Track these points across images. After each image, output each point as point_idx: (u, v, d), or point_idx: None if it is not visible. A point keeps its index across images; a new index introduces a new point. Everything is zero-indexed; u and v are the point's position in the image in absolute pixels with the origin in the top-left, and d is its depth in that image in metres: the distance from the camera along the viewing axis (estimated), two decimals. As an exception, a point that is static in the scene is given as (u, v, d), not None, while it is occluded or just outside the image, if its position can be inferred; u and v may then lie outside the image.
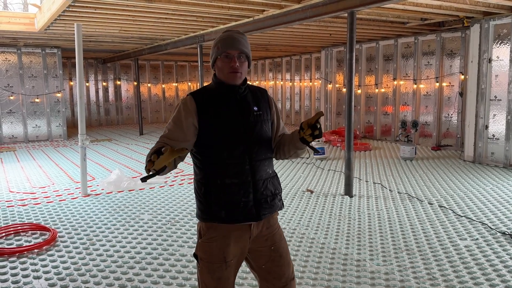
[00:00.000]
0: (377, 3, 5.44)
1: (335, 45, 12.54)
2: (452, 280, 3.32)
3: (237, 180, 1.98)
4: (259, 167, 2.03)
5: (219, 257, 1.98)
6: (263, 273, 2.11)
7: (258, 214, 2.01)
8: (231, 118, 1.99)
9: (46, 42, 11.40)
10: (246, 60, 2.01)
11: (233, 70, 1.96)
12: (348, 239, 4.23)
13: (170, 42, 11.08)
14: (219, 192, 1.98)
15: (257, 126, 2.04)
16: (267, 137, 2.09)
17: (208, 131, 1.98)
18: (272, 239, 2.10)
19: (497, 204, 5.35)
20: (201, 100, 2.00)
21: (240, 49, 1.97)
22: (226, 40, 1.98)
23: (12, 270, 3.57)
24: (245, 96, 2.06)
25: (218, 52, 1.98)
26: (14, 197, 5.97)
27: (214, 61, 2.02)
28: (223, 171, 1.98)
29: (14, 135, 11.99)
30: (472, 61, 8.02)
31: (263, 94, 2.14)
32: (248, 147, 2.00)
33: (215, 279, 2.00)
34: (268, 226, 2.09)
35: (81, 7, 6.70)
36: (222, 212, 1.98)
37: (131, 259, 3.77)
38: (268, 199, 2.05)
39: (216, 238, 2.00)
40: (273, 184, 2.10)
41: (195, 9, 6.82)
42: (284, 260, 2.11)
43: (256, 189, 2.01)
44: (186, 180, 6.95)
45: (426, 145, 10.19)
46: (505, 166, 7.64)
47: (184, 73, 18.58)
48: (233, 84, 2.01)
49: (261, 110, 2.07)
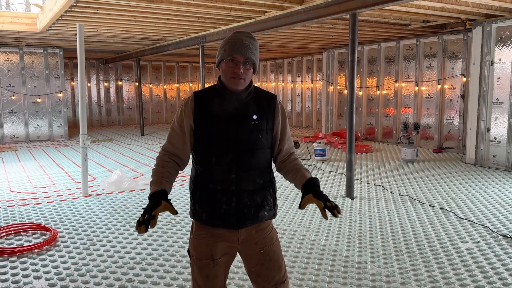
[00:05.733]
0: (379, 5, 5.44)
1: (336, 47, 12.54)
2: (453, 283, 3.31)
3: (221, 187, 1.97)
4: (247, 177, 1.99)
5: (207, 254, 2.01)
6: (253, 275, 2.12)
7: (238, 224, 2.00)
8: (224, 125, 1.95)
9: (48, 42, 11.42)
10: (251, 67, 1.96)
11: (236, 76, 1.92)
12: (349, 241, 4.22)
13: (172, 43, 11.09)
14: (203, 194, 2.00)
15: (252, 136, 1.97)
16: (263, 148, 2.01)
17: (201, 133, 1.98)
18: (262, 243, 2.08)
19: (499, 207, 5.33)
20: (201, 101, 1.99)
21: (247, 55, 1.92)
22: (234, 44, 1.92)
23: (12, 270, 3.57)
24: (246, 103, 1.99)
25: (224, 54, 1.93)
26: (15, 196, 5.97)
27: (219, 62, 1.98)
28: (210, 175, 1.98)
29: (15, 135, 11.99)
30: (474, 63, 8.00)
31: (270, 101, 2.05)
32: (237, 157, 1.96)
33: (203, 276, 2.03)
34: (258, 229, 2.07)
35: (83, 8, 6.71)
36: (204, 214, 2.01)
37: (131, 260, 3.77)
38: (252, 210, 2.01)
39: (204, 235, 2.03)
40: (261, 195, 2.04)
41: (197, 10, 6.83)
42: (274, 264, 2.08)
43: (239, 198, 1.98)
44: (187, 180, 6.94)
45: (427, 147, 10.18)
46: (506, 168, 7.62)
47: (185, 74, 18.59)
48: (235, 89, 1.96)
49: (260, 119, 1.99)
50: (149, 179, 7.31)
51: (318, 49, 13.45)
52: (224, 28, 8.66)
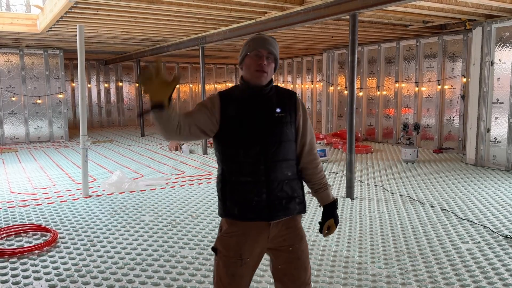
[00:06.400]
0: (379, 5, 5.44)
1: (337, 48, 12.54)
2: (454, 283, 3.31)
3: (251, 178, 2.01)
4: (275, 168, 2.03)
5: (236, 253, 2.02)
6: (279, 274, 2.12)
7: (270, 215, 2.03)
8: (251, 118, 2.03)
9: (48, 43, 11.43)
10: (273, 62, 2.06)
11: (260, 68, 2.01)
12: (349, 241, 4.22)
13: (172, 44, 11.09)
14: (233, 189, 2.04)
15: (277, 128, 2.05)
16: (289, 140, 2.08)
17: (228, 130, 2.03)
18: (292, 240, 2.11)
19: (499, 207, 5.33)
20: (226, 99, 2.06)
21: (270, 50, 2.03)
22: (258, 40, 2.05)
23: (12, 271, 3.57)
24: (269, 97, 2.08)
25: (248, 49, 2.04)
26: (15, 197, 5.97)
27: (242, 59, 2.07)
28: (238, 169, 2.02)
29: (15, 136, 12.00)
30: (474, 64, 8.01)
31: (291, 96, 2.14)
32: (264, 148, 2.02)
33: (229, 274, 2.03)
34: (287, 226, 2.10)
35: (84, 9, 6.72)
36: (235, 209, 2.02)
37: (132, 261, 3.77)
38: (283, 201, 2.05)
39: (234, 233, 2.04)
40: (291, 186, 2.08)
41: (197, 10, 6.83)
42: (301, 263, 2.10)
43: (270, 189, 2.03)
44: (187, 182, 6.94)
45: (427, 147, 10.18)
46: (507, 169, 7.62)
47: (185, 75, 18.60)
48: (258, 84, 2.05)
49: (284, 112, 2.07)
50: (150, 180, 7.29)
51: (318, 50, 13.45)
52: (224, 29, 8.66)
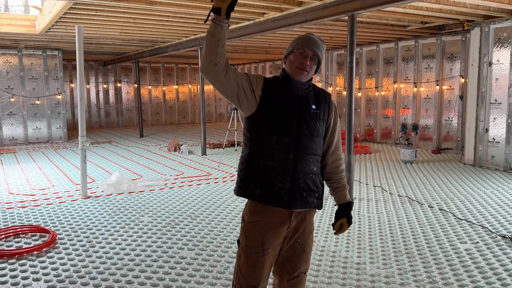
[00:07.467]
0: (377, 6, 5.45)
1: (335, 48, 12.56)
2: (452, 283, 3.32)
3: (278, 165, 2.08)
4: (303, 160, 2.10)
5: (258, 242, 2.08)
6: (282, 260, 2.22)
7: (289, 203, 2.08)
8: (288, 108, 2.10)
9: (47, 44, 11.42)
10: (316, 64, 2.15)
11: (302, 67, 2.10)
12: (348, 242, 4.22)
13: (170, 44, 11.10)
14: (259, 171, 2.09)
15: (311, 122, 2.12)
16: (319, 136, 2.16)
17: (264, 113, 2.09)
18: (302, 232, 2.20)
19: (497, 208, 5.34)
20: (269, 83, 2.14)
21: (316, 52, 2.11)
22: (307, 40, 2.13)
23: (11, 272, 3.56)
24: (307, 93, 2.17)
25: (296, 46, 2.12)
26: (14, 199, 5.97)
27: (288, 53, 2.16)
28: (268, 153, 2.08)
29: (14, 137, 11.99)
30: (473, 64, 8.02)
31: (326, 96, 2.24)
32: (297, 139, 2.09)
33: (250, 265, 2.09)
34: (303, 219, 2.19)
35: (82, 10, 6.72)
36: (257, 190, 2.08)
37: (130, 262, 3.77)
38: (304, 193, 2.11)
39: (257, 223, 2.10)
40: (313, 181, 2.16)
41: (196, 11, 6.84)
42: (305, 255, 2.23)
43: (294, 179, 2.09)
44: (186, 182, 6.94)
45: (426, 148, 10.19)
46: (505, 169, 7.64)
47: (184, 75, 18.60)
48: (298, 79, 2.13)
49: (319, 109, 2.16)
50: (148, 181, 7.26)
51: (317, 51, 13.45)
52: (223, 29, 8.65)
